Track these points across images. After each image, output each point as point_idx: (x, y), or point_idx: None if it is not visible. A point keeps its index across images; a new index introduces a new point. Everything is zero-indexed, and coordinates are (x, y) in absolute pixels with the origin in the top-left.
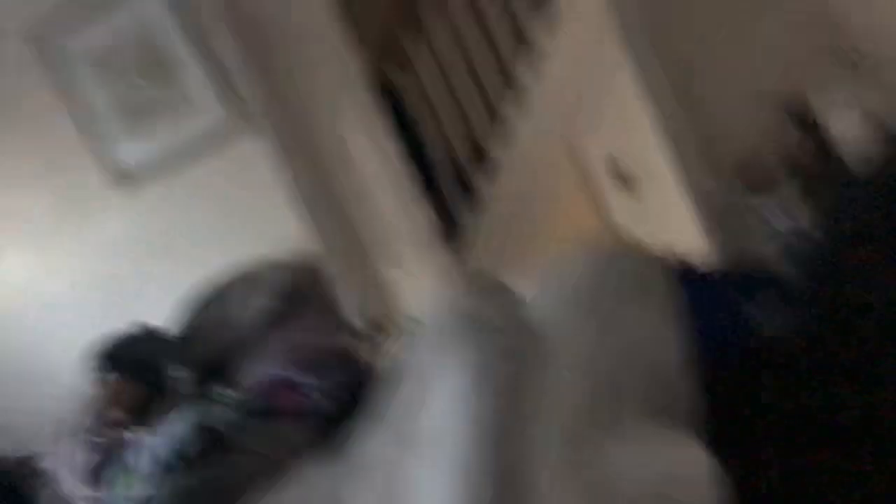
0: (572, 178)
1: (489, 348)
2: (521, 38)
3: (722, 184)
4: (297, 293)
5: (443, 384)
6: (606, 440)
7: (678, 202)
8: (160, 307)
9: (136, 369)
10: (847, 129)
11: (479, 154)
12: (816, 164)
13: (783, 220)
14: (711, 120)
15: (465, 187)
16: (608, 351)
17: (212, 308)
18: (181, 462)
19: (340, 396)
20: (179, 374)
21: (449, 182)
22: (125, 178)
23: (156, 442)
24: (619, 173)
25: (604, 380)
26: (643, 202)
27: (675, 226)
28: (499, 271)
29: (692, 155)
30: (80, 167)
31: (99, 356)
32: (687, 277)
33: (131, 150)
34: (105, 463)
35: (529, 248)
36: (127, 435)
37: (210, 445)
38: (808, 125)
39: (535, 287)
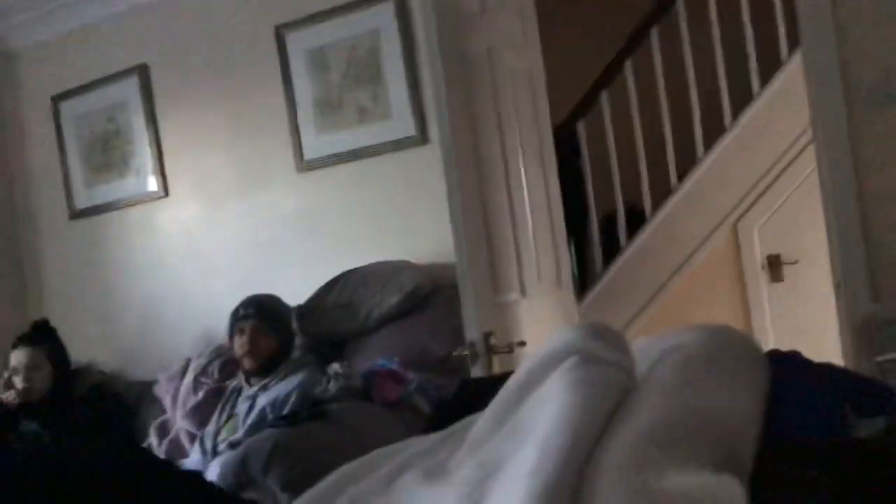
0: (724, 264)
1: (598, 381)
2: (710, 112)
3: (881, 307)
4: (423, 296)
5: (555, 402)
6: (665, 467)
7: (830, 311)
8: (301, 280)
9: (276, 323)
10: None
11: (636, 215)
12: None
13: None
14: (887, 246)
15: (612, 243)
16: (691, 404)
17: (345, 292)
18: (281, 421)
19: (436, 398)
20: (299, 343)
21: (596, 234)
22: (307, 164)
23: (265, 398)
24: (777, 271)
25: (679, 422)
26: (793, 306)
27: (819, 331)
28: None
29: (860, 273)
30: (273, 146)
31: (247, 303)
32: (792, 367)
33: (320, 143)
34: (212, 406)
35: (656, 319)
36: (241, 385)
37: (311, 412)
38: None
39: (649, 344)
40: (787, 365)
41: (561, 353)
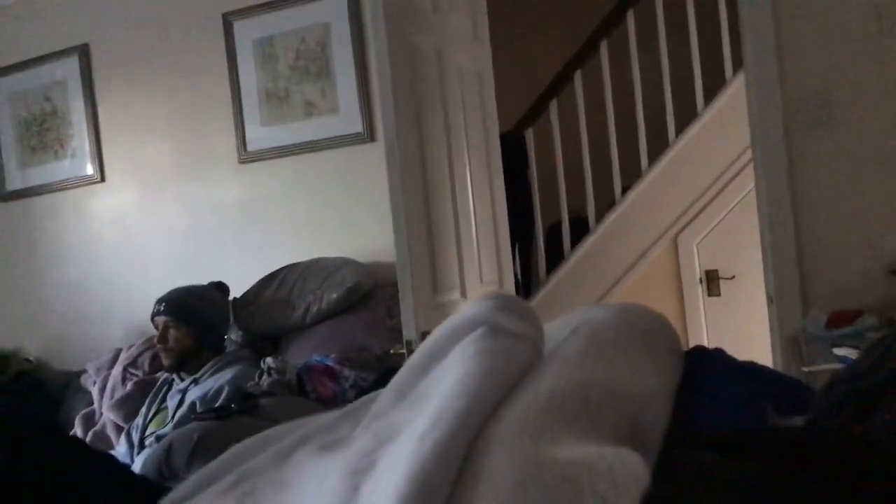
0: (663, 277)
1: (502, 352)
2: (655, 127)
3: (809, 318)
4: (363, 293)
5: (455, 372)
6: (561, 436)
7: (763, 326)
8: (240, 272)
9: (188, 318)
10: None
11: (578, 223)
12: None
13: (849, 356)
14: (818, 263)
15: (556, 251)
16: (594, 376)
17: (284, 286)
18: (208, 414)
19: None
20: (236, 337)
21: (541, 241)
22: (250, 155)
23: (196, 392)
24: (715, 286)
25: (580, 394)
26: (729, 320)
27: (753, 344)
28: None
29: (792, 289)
30: (215, 135)
31: (161, 298)
32: (715, 363)
33: (264, 134)
34: (140, 398)
35: None
36: (172, 378)
37: (241, 406)
38: None
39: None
40: (709, 360)
41: (468, 325)
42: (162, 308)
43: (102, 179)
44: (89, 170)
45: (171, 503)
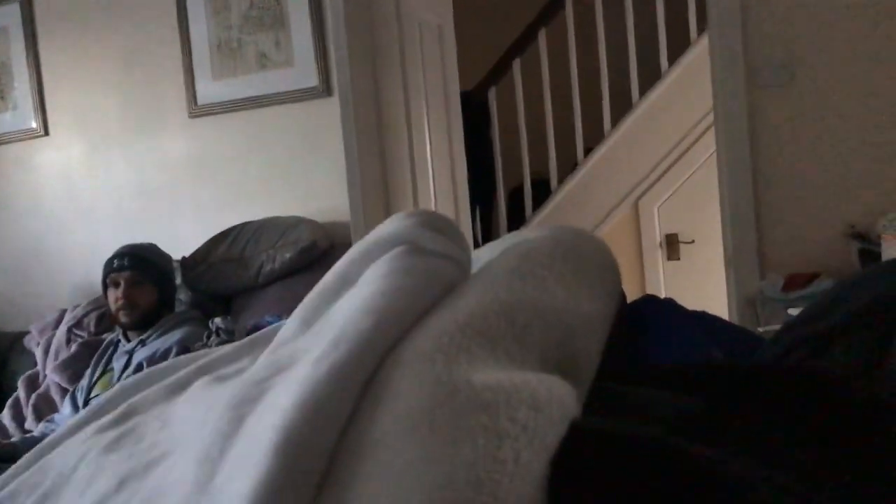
0: (624, 240)
1: (419, 272)
2: (619, 88)
3: (766, 281)
4: (319, 253)
5: (365, 289)
6: (479, 359)
7: (720, 289)
8: (191, 231)
9: (153, 274)
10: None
11: (540, 185)
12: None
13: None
14: (776, 226)
15: (518, 214)
16: (521, 296)
17: (236, 245)
18: None
19: None
20: (185, 297)
21: (503, 203)
22: (201, 109)
23: (143, 353)
24: (674, 250)
25: (504, 314)
26: (687, 283)
27: (710, 307)
28: None
29: (750, 252)
30: (164, 88)
31: (121, 253)
32: (664, 309)
33: (216, 87)
34: (85, 359)
35: None
36: (118, 339)
37: None
38: (864, 250)
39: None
40: (659, 307)
41: (385, 244)
42: (126, 263)
43: (46, 133)
44: (32, 123)
45: (50, 442)
